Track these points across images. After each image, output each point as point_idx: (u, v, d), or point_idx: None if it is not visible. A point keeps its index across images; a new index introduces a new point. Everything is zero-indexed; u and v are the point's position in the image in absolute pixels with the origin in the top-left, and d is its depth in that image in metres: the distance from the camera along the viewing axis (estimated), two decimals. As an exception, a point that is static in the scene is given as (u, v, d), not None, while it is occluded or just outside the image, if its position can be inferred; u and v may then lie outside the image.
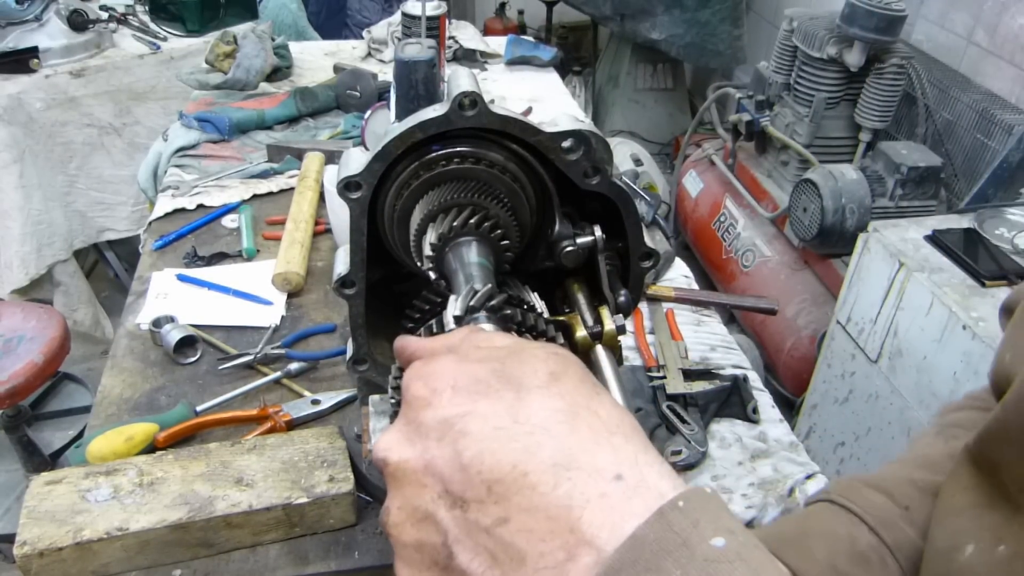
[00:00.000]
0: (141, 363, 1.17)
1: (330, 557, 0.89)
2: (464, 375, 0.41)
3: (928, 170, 2.21)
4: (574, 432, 0.37)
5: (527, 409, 0.38)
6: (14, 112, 2.28)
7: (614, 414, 0.39)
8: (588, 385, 0.41)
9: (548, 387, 0.39)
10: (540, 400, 0.39)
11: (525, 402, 0.39)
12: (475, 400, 0.39)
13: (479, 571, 0.37)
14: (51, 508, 0.85)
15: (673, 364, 1.14)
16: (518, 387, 0.39)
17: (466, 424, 0.38)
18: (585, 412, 0.38)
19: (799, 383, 2.38)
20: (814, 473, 1.03)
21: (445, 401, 0.40)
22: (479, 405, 0.39)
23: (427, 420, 0.40)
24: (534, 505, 0.35)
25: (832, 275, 2.36)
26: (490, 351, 0.43)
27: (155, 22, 2.71)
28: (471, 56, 2.32)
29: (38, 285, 2.47)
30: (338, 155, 1.61)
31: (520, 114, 0.65)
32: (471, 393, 0.40)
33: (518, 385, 0.40)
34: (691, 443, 1.03)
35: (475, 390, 0.40)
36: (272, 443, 0.94)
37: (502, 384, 0.40)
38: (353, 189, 0.66)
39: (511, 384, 0.40)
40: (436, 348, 0.46)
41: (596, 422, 0.38)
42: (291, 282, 1.30)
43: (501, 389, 0.39)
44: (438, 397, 0.40)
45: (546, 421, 0.38)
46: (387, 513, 0.42)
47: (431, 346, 0.47)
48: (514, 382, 0.40)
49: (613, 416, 0.39)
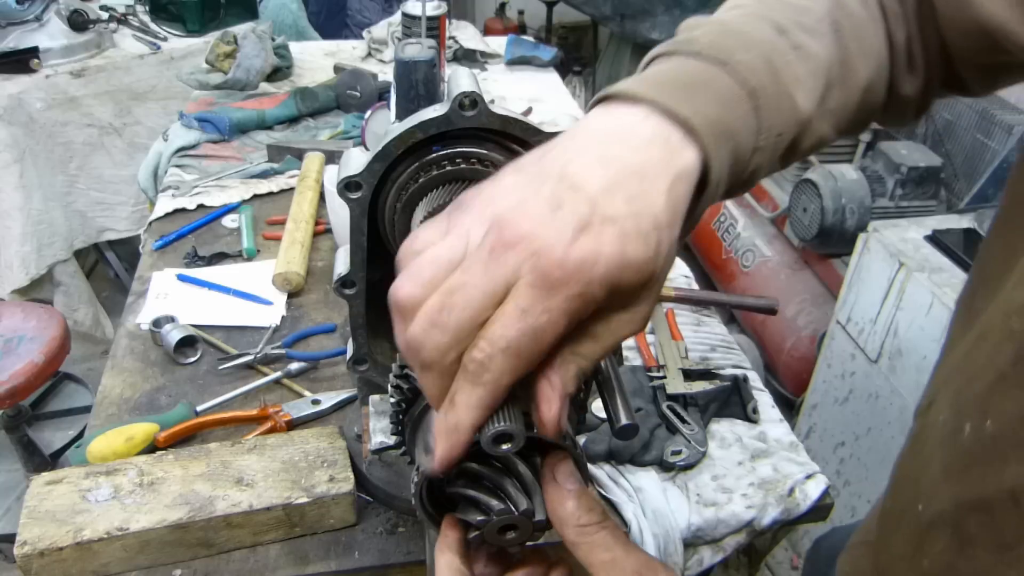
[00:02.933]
0: (141, 363, 1.17)
1: (330, 557, 0.89)
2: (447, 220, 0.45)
3: (928, 170, 2.21)
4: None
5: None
6: (14, 112, 2.28)
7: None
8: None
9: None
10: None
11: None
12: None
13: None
14: (51, 508, 0.85)
15: (673, 364, 1.14)
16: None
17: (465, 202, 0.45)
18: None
19: (799, 383, 2.38)
20: (814, 473, 1.03)
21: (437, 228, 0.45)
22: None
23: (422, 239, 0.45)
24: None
25: (832, 275, 2.36)
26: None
27: (155, 22, 2.71)
28: (471, 56, 2.32)
29: (38, 285, 2.47)
30: (338, 155, 1.61)
31: (520, 114, 0.65)
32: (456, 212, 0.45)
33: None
34: (691, 443, 1.03)
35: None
36: (272, 443, 0.94)
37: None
38: (353, 189, 0.66)
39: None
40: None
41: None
42: (291, 282, 1.30)
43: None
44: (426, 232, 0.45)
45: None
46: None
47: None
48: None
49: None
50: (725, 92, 0.48)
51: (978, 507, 0.45)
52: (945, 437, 0.50)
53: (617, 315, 0.42)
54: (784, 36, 0.52)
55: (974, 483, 0.46)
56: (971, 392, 0.47)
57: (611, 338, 0.43)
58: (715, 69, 0.48)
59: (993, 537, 0.44)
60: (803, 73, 0.52)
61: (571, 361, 0.42)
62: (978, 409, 0.46)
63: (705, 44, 0.50)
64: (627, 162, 0.43)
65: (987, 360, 0.46)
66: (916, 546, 0.53)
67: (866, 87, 0.58)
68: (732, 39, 0.50)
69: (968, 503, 0.46)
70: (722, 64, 0.48)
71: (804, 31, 0.53)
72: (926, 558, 0.51)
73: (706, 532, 0.97)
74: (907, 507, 0.55)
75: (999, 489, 0.43)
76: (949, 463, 0.49)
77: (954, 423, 0.48)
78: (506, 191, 0.43)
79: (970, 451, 0.46)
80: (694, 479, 1.01)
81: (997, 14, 0.54)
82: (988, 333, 0.48)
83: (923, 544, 0.51)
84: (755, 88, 0.48)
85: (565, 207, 0.40)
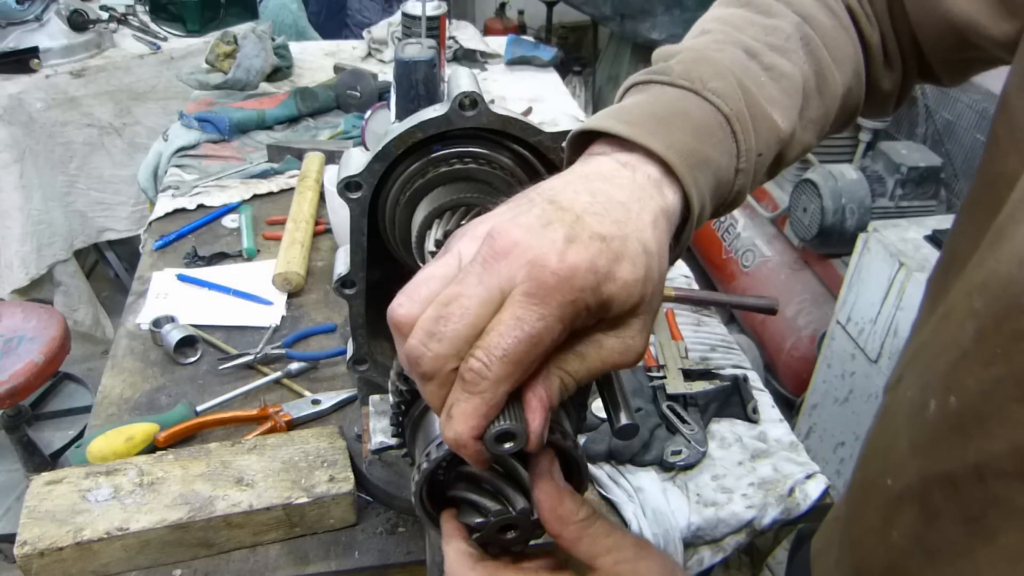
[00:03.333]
0: (141, 363, 1.17)
1: (330, 557, 0.89)
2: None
3: (928, 170, 2.21)
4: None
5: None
6: (14, 112, 2.28)
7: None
8: None
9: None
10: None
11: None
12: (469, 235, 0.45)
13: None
14: (51, 508, 0.85)
15: (673, 364, 1.14)
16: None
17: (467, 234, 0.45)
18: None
19: (799, 383, 2.38)
20: (814, 473, 1.03)
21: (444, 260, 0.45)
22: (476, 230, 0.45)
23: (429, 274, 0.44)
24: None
25: (832, 275, 2.36)
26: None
27: (155, 22, 2.71)
28: (471, 56, 2.32)
29: (38, 285, 2.47)
30: (338, 155, 1.61)
31: (520, 114, 0.65)
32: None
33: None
34: (691, 443, 1.03)
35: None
36: (272, 443, 0.94)
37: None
38: (353, 189, 0.66)
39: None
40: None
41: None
42: (291, 282, 1.30)
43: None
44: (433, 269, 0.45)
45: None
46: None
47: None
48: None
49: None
50: (700, 120, 0.50)
51: (944, 482, 0.47)
52: (912, 413, 0.51)
53: (607, 338, 0.43)
54: (755, 59, 0.54)
55: (940, 458, 0.47)
56: (936, 369, 0.49)
57: (598, 361, 0.43)
58: (690, 97, 0.50)
59: (959, 510, 0.46)
60: (777, 93, 0.54)
61: (556, 375, 0.42)
62: (943, 386, 0.47)
63: (679, 73, 0.52)
64: (612, 195, 0.44)
65: (951, 338, 0.48)
66: (885, 519, 0.54)
67: (844, 93, 0.60)
68: (705, 67, 0.52)
69: (934, 477, 0.47)
70: (696, 93, 0.50)
71: (774, 51, 0.55)
72: (895, 530, 0.52)
73: (706, 532, 0.97)
74: (876, 481, 0.57)
75: (963, 464, 0.44)
76: (915, 438, 0.50)
77: (920, 399, 0.50)
78: (496, 214, 0.44)
79: (936, 427, 0.48)
80: (694, 479, 1.01)
81: (966, 10, 0.56)
82: (952, 311, 0.50)
83: (892, 517, 0.53)
84: (730, 114, 0.50)
85: (555, 223, 0.41)
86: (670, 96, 0.51)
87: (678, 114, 0.49)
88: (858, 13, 0.62)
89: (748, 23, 0.57)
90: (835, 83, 0.58)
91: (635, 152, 0.48)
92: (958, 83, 0.67)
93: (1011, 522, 0.42)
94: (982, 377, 0.43)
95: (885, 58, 0.64)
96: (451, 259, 0.44)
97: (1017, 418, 0.41)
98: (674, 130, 0.48)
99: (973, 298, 0.45)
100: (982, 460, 0.43)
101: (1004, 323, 0.42)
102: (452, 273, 0.43)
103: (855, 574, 0.60)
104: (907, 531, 0.51)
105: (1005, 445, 0.42)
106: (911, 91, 0.68)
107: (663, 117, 0.49)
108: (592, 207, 0.43)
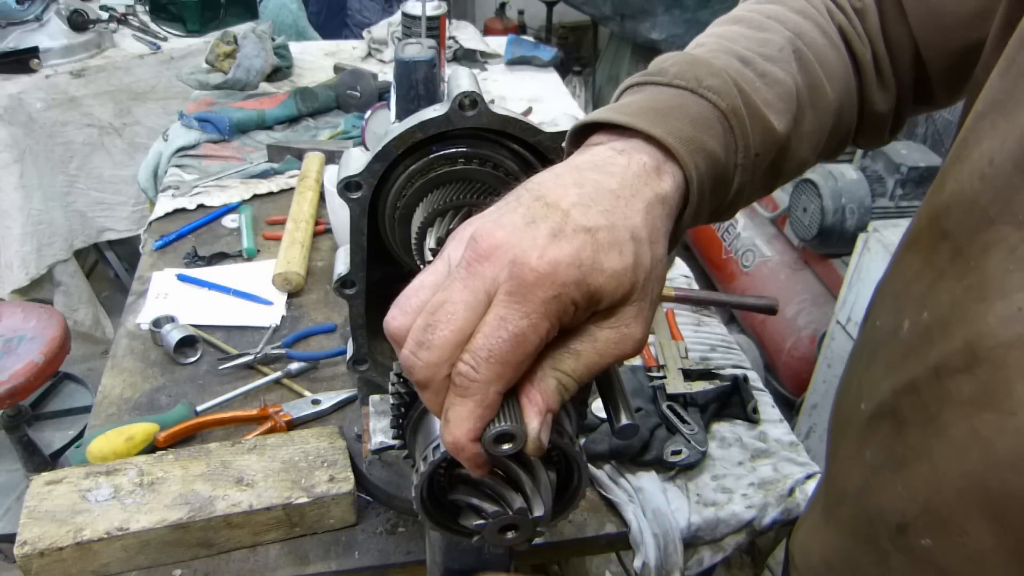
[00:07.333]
0: (141, 363, 1.17)
1: (330, 557, 0.89)
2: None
3: (928, 170, 2.21)
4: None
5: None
6: (14, 112, 2.28)
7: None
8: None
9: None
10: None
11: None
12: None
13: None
14: (51, 508, 0.85)
15: (673, 364, 1.14)
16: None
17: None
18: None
19: (799, 383, 2.38)
20: (814, 473, 1.03)
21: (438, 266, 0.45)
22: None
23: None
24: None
25: (832, 275, 2.36)
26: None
27: (155, 22, 2.71)
28: (471, 56, 2.32)
29: (38, 285, 2.47)
30: (338, 155, 1.61)
31: (520, 114, 0.65)
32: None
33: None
34: (691, 443, 1.03)
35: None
36: (272, 443, 0.94)
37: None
38: (353, 189, 0.66)
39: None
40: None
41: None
42: (291, 282, 1.30)
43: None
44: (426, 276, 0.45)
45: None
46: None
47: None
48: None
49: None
50: (697, 114, 0.50)
51: (909, 389, 0.49)
52: (886, 337, 0.54)
53: (600, 330, 0.43)
54: (749, 66, 0.55)
55: (908, 369, 0.49)
56: (911, 292, 0.51)
57: (595, 355, 0.43)
58: (686, 94, 0.51)
59: (920, 413, 0.48)
60: (772, 97, 0.55)
61: (551, 376, 0.42)
62: (916, 306, 0.50)
63: (675, 73, 0.52)
64: (602, 184, 0.44)
65: (923, 263, 0.50)
66: (860, 442, 0.56)
67: (837, 110, 0.60)
68: (700, 68, 0.53)
69: (901, 388, 0.50)
70: (692, 90, 0.51)
71: (767, 60, 0.56)
72: (868, 449, 0.54)
73: (706, 532, 0.97)
74: (851, 411, 0.59)
75: (925, 368, 0.47)
76: (889, 358, 0.53)
77: (894, 322, 0.53)
78: (483, 215, 0.45)
79: (907, 342, 0.50)
80: (694, 479, 1.01)
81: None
82: (920, 237, 0.52)
83: (866, 438, 0.55)
84: (726, 110, 0.51)
85: (538, 220, 0.42)
86: (667, 95, 0.51)
87: (676, 107, 0.50)
88: (848, 32, 0.63)
89: (741, 36, 0.59)
90: (828, 98, 0.59)
91: (633, 139, 0.48)
92: (955, 101, 0.67)
93: (960, 412, 0.44)
94: (954, 289, 0.46)
95: (878, 77, 0.64)
96: (441, 265, 0.44)
97: (972, 316, 0.43)
98: (672, 120, 0.49)
99: (942, 220, 0.48)
100: (940, 361, 0.46)
101: (976, 237, 0.44)
102: (442, 280, 0.43)
103: (834, 502, 0.62)
104: (880, 448, 0.53)
105: (959, 343, 0.44)
106: (907, 117, 0.69)
107: (661, 110, 0.49)
108: (580, 199, 0.43)
